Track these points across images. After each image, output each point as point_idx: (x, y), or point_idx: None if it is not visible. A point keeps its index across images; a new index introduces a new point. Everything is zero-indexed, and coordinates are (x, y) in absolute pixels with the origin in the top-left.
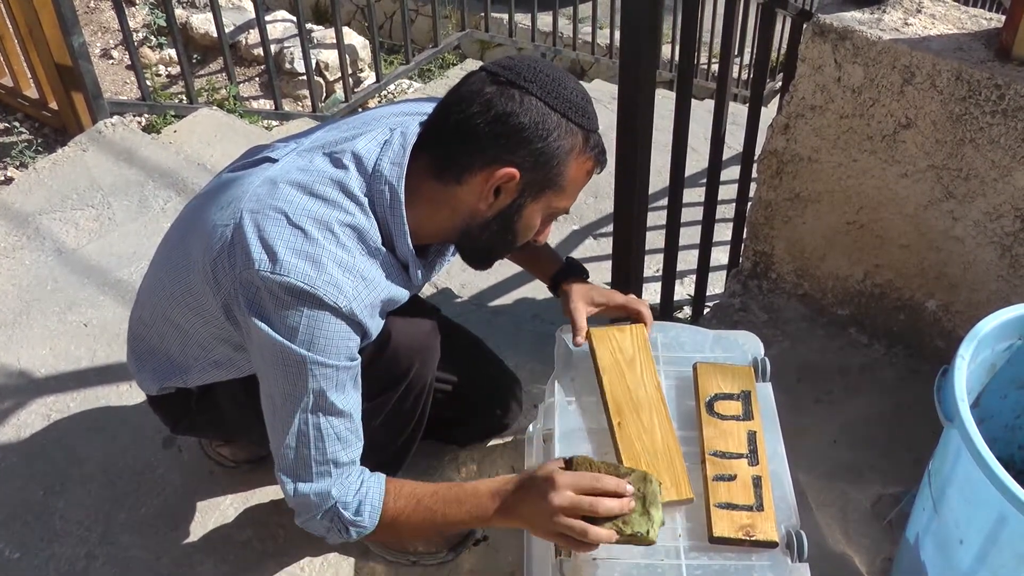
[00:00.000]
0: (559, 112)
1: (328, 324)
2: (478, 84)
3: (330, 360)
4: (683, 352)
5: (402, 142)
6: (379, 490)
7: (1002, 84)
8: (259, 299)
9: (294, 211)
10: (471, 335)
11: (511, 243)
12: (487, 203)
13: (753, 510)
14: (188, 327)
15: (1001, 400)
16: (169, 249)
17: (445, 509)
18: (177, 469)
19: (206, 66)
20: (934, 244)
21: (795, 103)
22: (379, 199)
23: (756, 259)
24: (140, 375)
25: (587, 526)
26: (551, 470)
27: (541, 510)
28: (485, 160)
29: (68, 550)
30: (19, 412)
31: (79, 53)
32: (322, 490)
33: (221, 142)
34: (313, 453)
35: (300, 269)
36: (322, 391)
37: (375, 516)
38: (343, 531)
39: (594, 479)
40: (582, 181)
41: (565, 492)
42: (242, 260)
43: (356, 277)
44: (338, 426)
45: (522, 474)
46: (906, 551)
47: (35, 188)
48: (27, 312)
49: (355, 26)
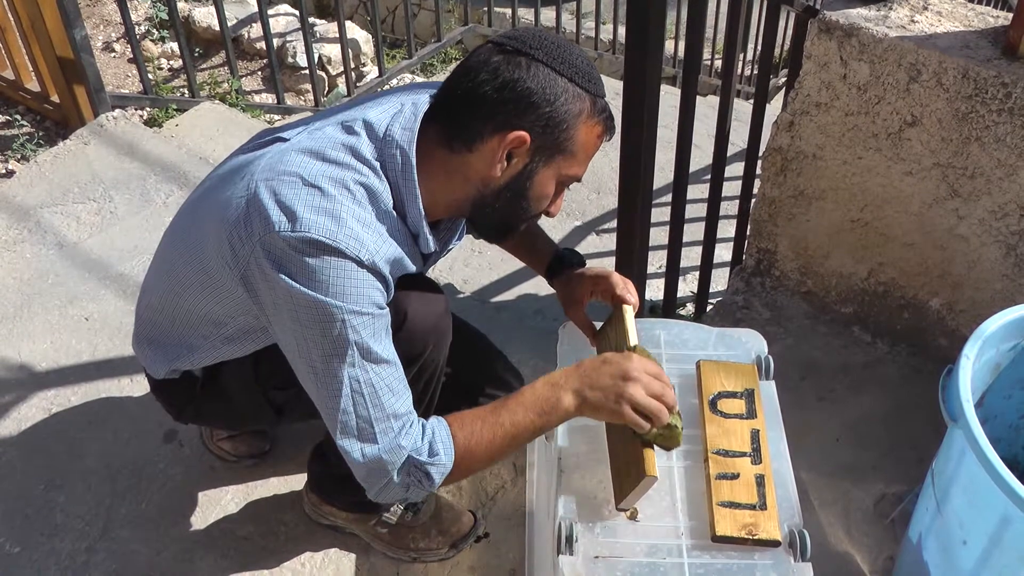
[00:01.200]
0: (566, 77)
1: (355, 274)
2: (485, 54)
3: (364, 308)
4: (686, 350)
5: (413, 110)
6: (443, 426)
7: (1009, 82)
8: (285, 259)
9: (308, 173)
10: (474, 329)
11: (525, 211)
12: (500, 169)
13: (756, 509)
14: (202, 307)
15: (1005, 400)
16: (178, 232)
17: (511, 417)
18: (178, 464)
19: (208, 60)
20: (938, 242)
21: (800, 100)
22: (391, 163)
23: (759, 256)
24: (148, 359)
25: (660, 409)
26: (623, 356)
27: (616, 388)
28: (495, 126)
29: (68, 544)
30: (20, 406)
31: (81, 46)
32: (392, 446)
33: (223, 136)
34: (372, 412)
35: (321, 224)
36: (363, 343)
37: (450, 451)
38: (423, 479)
39: (658, 370)
40: (592, 146)
41: (641, 373)
42: (261, 225)
43: (374, 232)
44: (387, 377)
45: (584, 361)
46: (909, 551)
47: (36, 181)
48: (28, 305)
49: (358, 20)
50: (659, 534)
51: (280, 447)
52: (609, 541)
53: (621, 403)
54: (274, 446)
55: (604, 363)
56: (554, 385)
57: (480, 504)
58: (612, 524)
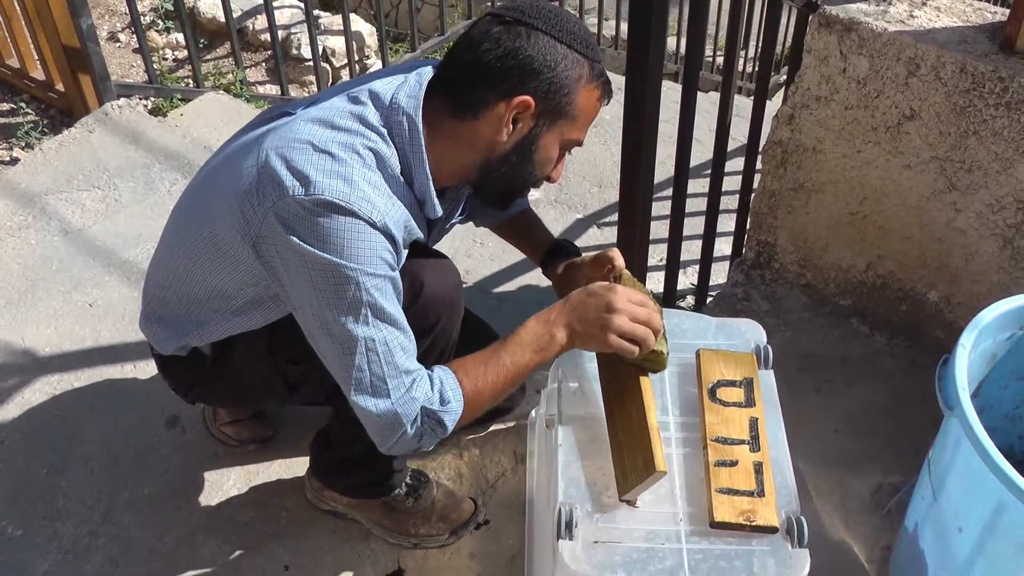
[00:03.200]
0: (565, 43)
1: (368, 235)
2: (485, 26)
3: (378, 270)
4: (686, 339)
5: (418, 80)
6: (449, 374)
7: (1006, 77)
8: (298, 223)
9: (319, 140)
10: (475, 316)
11: (530, 175)
12: (506, 133)
13: (754, 496)
14: (212, 280)
15: (1001, 390)
16: (187, 209)
17: (511, 357)
18: (180, 449)
19: (213, 51)
20: (936, 235)
21: (800, 94)
22: (398, 130)
23: (759, 249)
24: (157, 336)
25: (646, 335)
26: (606, 286)
27: (602, 320)
28: (500, 92)
29: (70, 529)
30: (23, 391)
31: (87, 35)
32: (405, 399)
33: (227, 126)
34: (386, 369)
35: (334, 187)
36: (375, 302)
37: (459, 396)
38: (437, 427)
39: (643, 297)
40: (592, 110)
41: (625, 302)
42: (274, 191)
43: (384, 194)
44: (399, 336)
45: (569, 296)
46: (905, 540)
47: (41, 169)
48: (32, 291)
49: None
50: (658, 520)
51: (283, 433)
52: (608, 527)
53: (607, 333)
54: (277, 432)
55: (590, 296)
56: (547, 322)
57: (480, 491)
58: (611, 510)
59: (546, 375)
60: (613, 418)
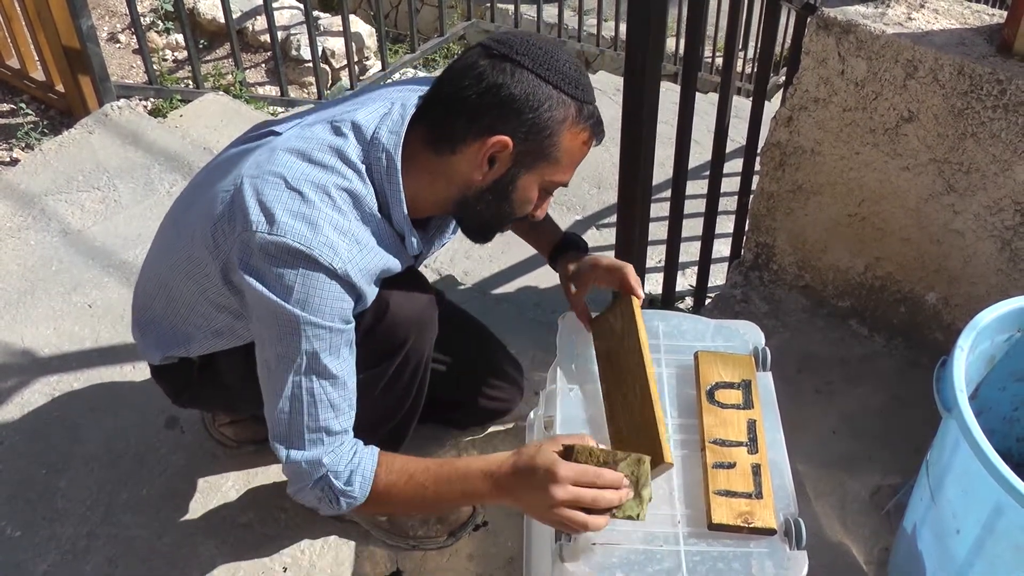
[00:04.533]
0: (551, 84)
1: (323, 284)
2: (473, 57)
3: (324, 321)
4: (684, 341)
5: (401, 112)
6: (371, 462)
7: (1004, 79)
8: (255, 259)
9: (292, 175)
10: (473, 318)
11: (508, 215)
12: (481, 172)
13: (752, 498)
14: (189, 297)
15: (1000, 392)
16: (172, 221)
17: (436, 487)
18: (180, 450)
19: (213, 52)
20: (935, 237)
21: (798, 96)
22: (376, 166)
23: (758, 251)
24: (144, 344)
25: (587, 518)
26: (552, 461)
27: (542, 501)
28: (478, 130)
29: (69, 529)
30: (22, 391)
31: (87, 36)
32: (314, 458)
33: (227, 127)
34: (306, 419)
35: (297, 230)
36: (315, 353)
37: (366, 487)
38: (334, 501)
39: (596, 475)
40: (578, 152)
41: (567, 487)
42: (241, 222)
43: (351, 240)
44: (331, 392)
45: (518, 457)
46: (903, 541)
47: (41, 169)
48: (32, 292)
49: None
50: (656, 522)
51: None
52: (606, 528)
53: (550, 514)
54: None
55: (532, 474)
56: (490, 480)
57: None
58: None
59: (545, 376)
60: (615, 410)
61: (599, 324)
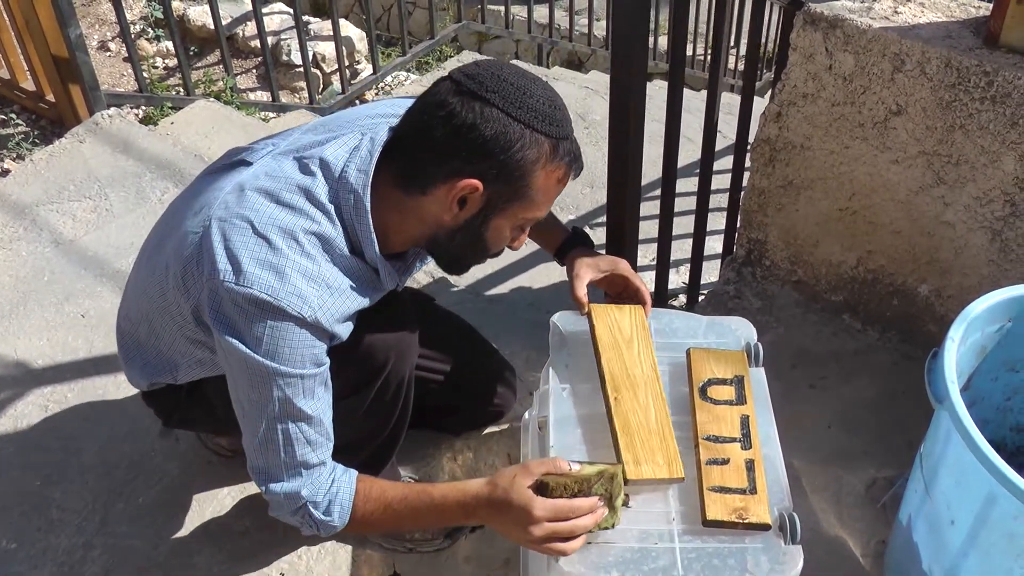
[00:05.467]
0: (522, 123)
1: (292, 334)
2: (442, 94)
3: (295, 369)
4: (676, 338)
5: (370, 148)
6: (349, 491)
7: (990, 71)
8: (224, 309)
9: (260, 220)
10: (464, 323)
11: (482, 252)
12: (451, 214)
13: (746, 493)
14: (168, 331)
15: (992, 382)
16: (149, 251)
17: (414, 516)
18: (175, 459)
19: (203, 58)
20: (925, 229)
21: (787, 91)
22: (346, 206)
23: (750, 247)
24: (129, 371)
25: (564, 546)
26: (526, 500)
27: (520, 536)
28: (448, 172)
29: (65, 540)
30: (16, 403)
31: (76, 45)
32: (292, 490)
33: (218, 134)
34: (283, 456)
35: (264, 280)
36: (288, 399)
37: (345, 516)
38: (314, 528)
39: (570, 509)
40: (553, 190)
41: (544, 524)
42: (208, 268)
43: (321, 286)
44: (306, 430)
45: (493, 489)
46: (899, 533)
47: (32, 179)
48: (24, 303)
49: (353, 19)
50: (650, 519)
51: None
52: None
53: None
54: None
55: (508, 509)
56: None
57: None
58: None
59: (539, 377)
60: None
61: (601, 313)
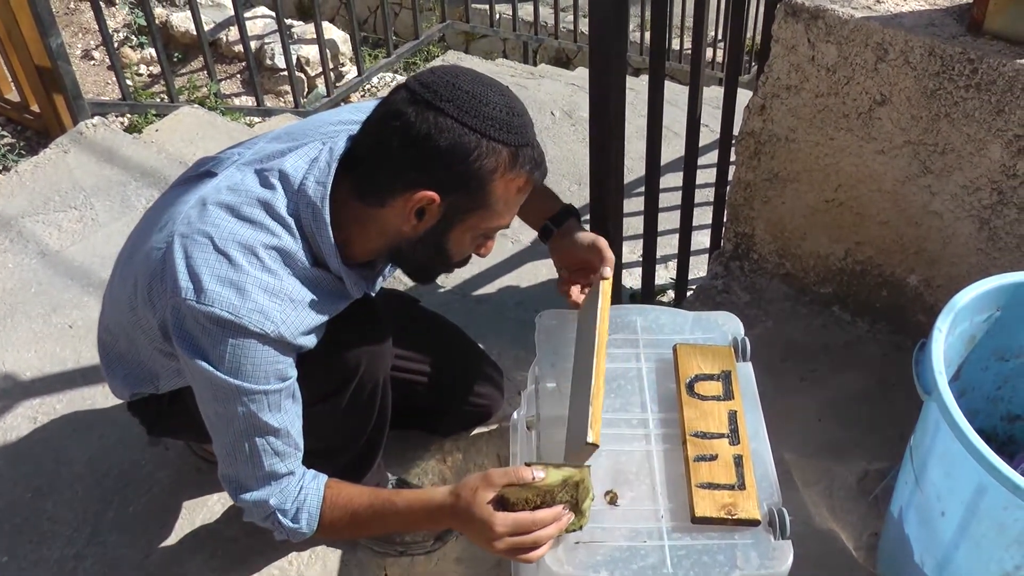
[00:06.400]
0: (478, 132)
1: (254, 351)
2: (398, 104)
3: (258, 386)
4: (663, 334)
5: (328, 159)
6: (317, 498)
7: (975, 58)
8: (186, 327)
9: (220, 235)
10: (450, 324)
11: (446, 262)
12: (410, 225)
13: (735, 489)
14: (143, 343)
15: (982, 372)
16: (122, 263)
17: (381, 522)
18: (164, 467)
19: (187, 64)
20: (913, 219)
21: (770, 83)
22: (305, 219)
23: (737, 240)
24: (112, 381)
25: (530, 555)
26: (487, 516)
27: (484, 546)
28: (405, 184)
29: (57, 551)
30: (5, 415)
31: (57, 54)
32: (261, 499)
33: (203, 140)
34: (252, 468)
35: (224, 298)
36: (253, 414)
37: (313, 523)
38: (283, 533)
39: (532, 522)
40: (514, 198)
41: (506, 539)
42: (171, 286)
43: (283, 300)
44: (274, 442)
45: (456, 501)
46: (891, 526)
47: (17, 191)
48: (11, 315)
49: (339, 21)
50: (639, 518)
51: None
52: (590, 526)
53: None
54: None
55: (471, 523)
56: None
57: None
58: (593, 509)
59: (526, 376)
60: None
61: (582, 311)
